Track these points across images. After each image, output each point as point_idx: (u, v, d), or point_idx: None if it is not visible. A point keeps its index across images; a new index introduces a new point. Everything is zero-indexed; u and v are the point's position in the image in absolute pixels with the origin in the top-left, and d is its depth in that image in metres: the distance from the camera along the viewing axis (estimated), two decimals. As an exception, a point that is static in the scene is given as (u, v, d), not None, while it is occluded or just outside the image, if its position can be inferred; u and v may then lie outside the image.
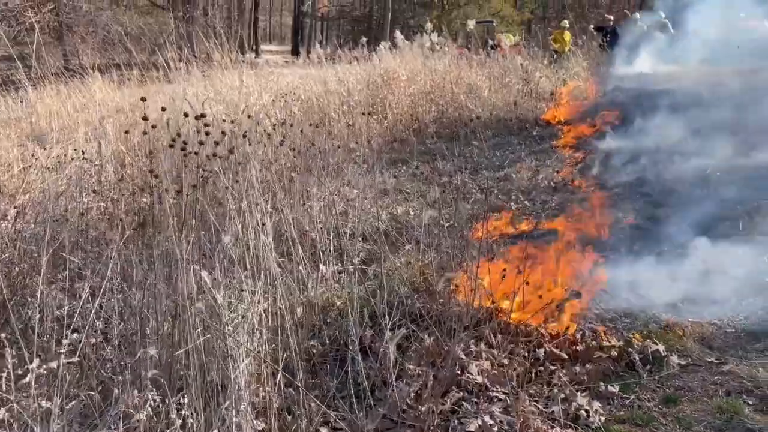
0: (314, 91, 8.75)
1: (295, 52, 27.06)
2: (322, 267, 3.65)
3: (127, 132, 2.54)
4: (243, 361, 2.21)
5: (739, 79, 8.50)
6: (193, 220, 2.27)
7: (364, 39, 13.08)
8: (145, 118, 2.17)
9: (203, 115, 2.24)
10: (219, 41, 9.58)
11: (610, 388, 2.66)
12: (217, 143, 2.40)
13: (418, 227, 3.71)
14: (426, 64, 10.25)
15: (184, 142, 2.18)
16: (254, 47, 28.29)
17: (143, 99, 2.26)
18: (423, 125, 8.94)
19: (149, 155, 2.37)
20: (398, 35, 10.46)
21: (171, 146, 2.21)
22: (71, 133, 7.38)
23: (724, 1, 13.12)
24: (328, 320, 3.23)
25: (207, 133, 2.28)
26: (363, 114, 7.25)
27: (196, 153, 2.25)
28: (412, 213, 5.15)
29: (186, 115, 2.27)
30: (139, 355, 2.11)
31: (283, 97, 6.36)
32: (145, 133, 2.25)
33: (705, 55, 10.97)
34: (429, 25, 11.32)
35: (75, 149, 5.02)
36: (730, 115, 6.39)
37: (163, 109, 2.30)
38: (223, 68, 8.98)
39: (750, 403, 2.54)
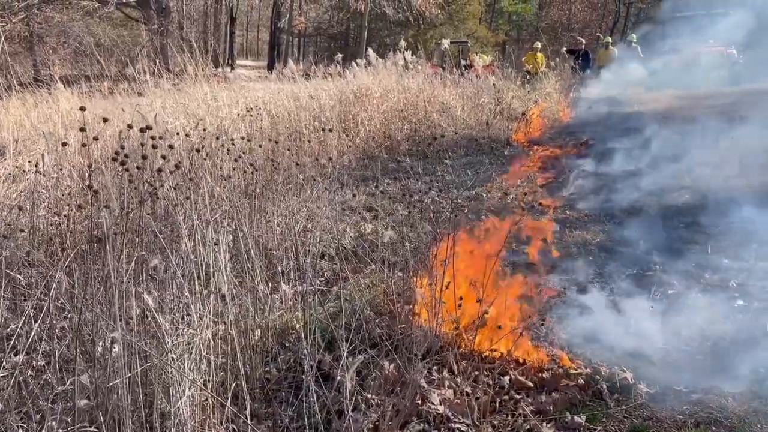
0: (286, 106, 8.63)
1: (271, 67, 26.97)
2: (284, 287, 3.51)
3: (84, 145, 2.39)
4: (186, 391, 2.06)
5: (707, 102, 8.62)
6: (136, 238, 2.12)
7: (339, 56, 13.05)
8: (82, 129, 2.03)
9: (149, 128, 2.11)
10: (193, 55, 9.43)
11: (576, 418, 2.56)
12: (164, 157, 2.26)
13: (383, 247, 3.60)
14: (399, 81, 10.22)
15: (126, 156, 2.04)
16: (229, 62, 28.17)
17: (82, 108, 2.12)
18: (395, 143, 8.88)
19: (88, 169, 2.23)
20: (371, 53, 10.41)
21: (114, 160, 2.07)
22: (33, 144, 7.15)
23: (693, 28, 13.45)
24: (286, 344, 3.08)
25: (154, 147, 2.14)
26: (331, 130, 7.13)
27: (138, 168, 2.11)
28: (381, 232, 5.03)
29: (130, 127, 2.14)
30: (69, 382, 1.94)
31: (249, 111, 6.21)
32: (84, 145, 2.11)
33: (674, 78, 11.18)
34: (403, 44, 11.32)
35: (30, 161, 4.81)
36: (699, 137, 6.44)
37: (105, 120, 2.16)
38: (194, 81, 8.81)
39: (719, 435, 2.46)
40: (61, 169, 4.56)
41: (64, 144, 2.31)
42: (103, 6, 24.19)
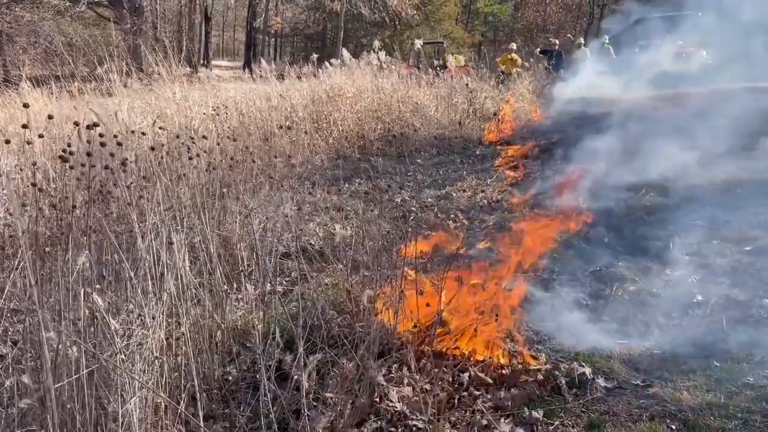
0: (258, 106, 8.58)
1: (246, 67, 26.78)
2: (249, 287, 3.48)
3: (29, 142, 2.35)
4: (136, 393, 2.03)
5: (676, 102, 8.75)
6: (85, 238, 2.09)
7: (314, 56, 13.00)
8: (25, 126, 1.99)
9: (96, 125, 2.07)
10: (166, 55, 9.32)
11: (534, 413, 2.57)
12: (112, 155, 2.23)
13: (344, 246, 3.59)
14: (374, 82, 10.22)
15: (70, 153, 2.00)
16: (204, 62, 27.93)
17: (25, 105, 2.08)
18: (368, 142, 8.88)
19: (32, 166, 2.19)
20: (345, 53, 10.39)
21: (60, 158, 2.03)
22: (-2, 144, 7.01)
23: (664, 29, 13.64)
24: (247, 344, 3.06)
25: (102, 144, 2.11)
26: (290, 128, 7.10)
27: (83, 164, 2.07)
28: (350, 231, 5.02)
29: (76, 124, 2.10)
30: (8, 383, 1.90)
31: (216, 110, 6.16)
32: (29, 143, 2.06)
33: (645, 79, 11.32)
34: (377, 44, 11.32)
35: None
36: (667, 137, 6.52)
37: (50, 117, 2.12)
38: (167, 81, 8.71)
39: (673, 427, 2.49)
40: (21, 170, 4.48)
41: (7, 141, 2.25)
42: (75, 5, 23.81)
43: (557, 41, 16.79)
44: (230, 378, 2.77)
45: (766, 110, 6.46)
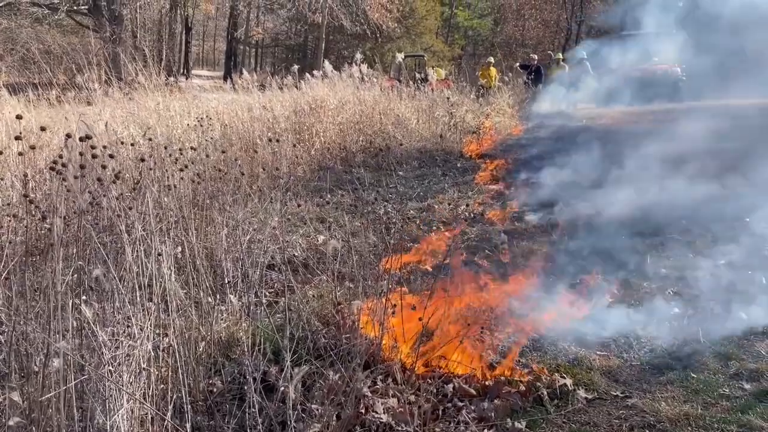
0: (240, 117, 8.58)
1: (227, 77, 26.71)
2: (232, 299, 3.48)
3: (21, 153, 2.34)
4: (124, 404, 2.03)
5: (651, 117, 8.96)
6: (74, 249, 2.09)
7: (294, 67, 13.02)
8: (18, 138, 2.00)
9: (88, 137, 2.08)
10: (146, 64, 9.29)
11: (517, 424, 2.61)
12: (104, 167, 2.23)
13: (332, 258, 3.62)
14: (355, 94, 10.28)
15: (63, 165, 2.01)
16: (184, 71, 27.79)
17: (18, 117, 2.08)
18: (350, 154, 8.92)
19: (24, 178, 2.18)
20: (327, 65, 10.45)
21: (52, 169, 2.03)
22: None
23: (639, 45, 13.94)
24: (232, 356, 3.06)
25: (94, 156, 2.12)
26: (278, 140, 7.11)
27: (76, 177, 2.08)
28: (335, 243, 5.04)
29: (68, 136, 2.11)
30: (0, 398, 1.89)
31: (199, 121, 6.15)
32: (21, 154, 2.07)
33: (620, 94, 11.57)
34: (359, 56, 11.40)
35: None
36: (644, 150, 6.68)
37: (43, 129, 2.13)
38: (147, 91, 8.67)
39: (652, 438, 2.55)
40: (2, 179, 4.44)
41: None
42: (53, 13, 23.57)
43: (536, 56, 17.05)
44: (215, 390, 2.77)
45: (735, 126, 6.64)
